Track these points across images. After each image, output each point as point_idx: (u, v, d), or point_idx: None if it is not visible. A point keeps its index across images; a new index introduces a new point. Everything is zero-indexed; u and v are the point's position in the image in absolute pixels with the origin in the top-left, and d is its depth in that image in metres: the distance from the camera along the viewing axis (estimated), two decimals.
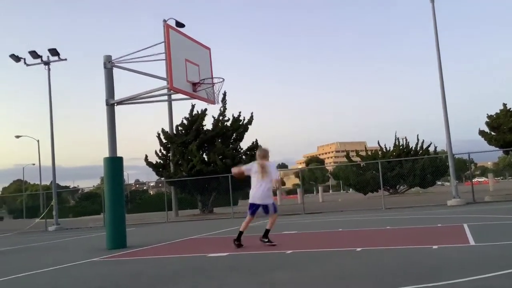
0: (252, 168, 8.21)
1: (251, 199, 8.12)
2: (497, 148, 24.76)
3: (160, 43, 10.00)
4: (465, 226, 9.00)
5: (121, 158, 10.30)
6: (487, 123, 24.73)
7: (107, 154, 10.26)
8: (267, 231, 8.24)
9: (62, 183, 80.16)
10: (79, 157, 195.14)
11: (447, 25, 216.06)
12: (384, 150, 41.26)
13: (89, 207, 51.20)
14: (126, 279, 5.78)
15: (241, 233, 8.16)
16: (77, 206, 58.25)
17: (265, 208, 8.11)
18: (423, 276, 4.60)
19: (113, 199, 9.90)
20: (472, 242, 6.79)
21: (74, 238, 14.69)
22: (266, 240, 8.15)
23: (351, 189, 52.10)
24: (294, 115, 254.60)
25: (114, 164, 10.14)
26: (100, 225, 20.62)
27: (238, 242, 8.10)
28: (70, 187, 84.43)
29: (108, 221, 9.98)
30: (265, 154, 8.31)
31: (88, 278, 6.12)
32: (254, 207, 8.11)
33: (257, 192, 8.04)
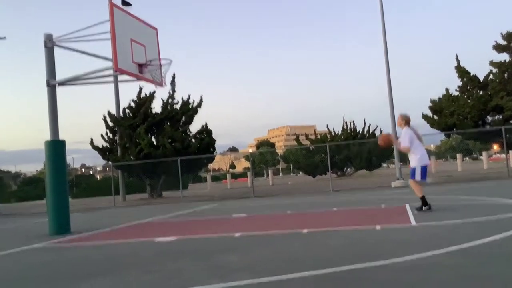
0: (412, 135, 8.32)
1: (425, 161, 8.28)
2: (439, 131, 25.75)
3: (105, 21, 9.63)
4: (407, 206, 9.32)
5: (63, 142, 9.93)
6: (430, 108, 25.58)
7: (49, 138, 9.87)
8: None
9: (3, 167, 76.96)
10: (22, 140, 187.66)
11: (394, 10, 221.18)
12: (333, 133, 42.07)
13: (32, 192, 49.35)
14: (68, 266, 5.59)
15: (423, 197, 8.22)
16: (19, 191, 56.05)
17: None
18: (366, 255, 4.71)
19: (55, 184, 9.56)
20: (413, 222, 7.03)
21: (15, 224, 14.12)
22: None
23: (300, 172, 52.93)
24: (245, 98, 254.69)
25: (56, 147, 9.77)
26: (43, 211, 19.92)
27: (427, 205, 8.18)
28: (12, 171, 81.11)
29: (50, 206, 9.63)
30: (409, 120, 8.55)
31: (28, 265, 5.89)
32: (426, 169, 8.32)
33: (425, 153, 8.36)
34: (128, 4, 15.81)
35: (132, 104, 25.64)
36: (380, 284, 3.62)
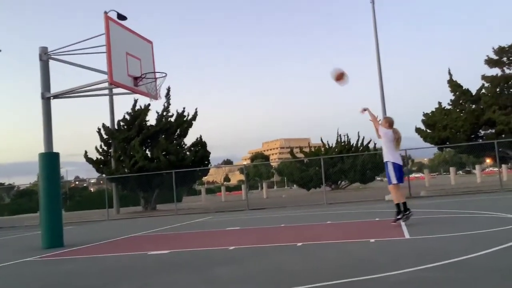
0: (388, 134, 8.49)
1: (398, 161, 8.39)
2: (432, 145, 25.88)
3: (100, 35, 9.67)
4: (401, 220, 9.33)
5: (57, 154, 9.91)
6: (423, 121, 25.73)
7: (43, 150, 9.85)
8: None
9: None
10: (16, 152, 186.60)
11: (387, 23, 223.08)
12: (327, 146, 42.18)
13: (25, 204, 48.91)
14: (60, 280, 5.56)
15: (398, 204, 8.33)
16: (13, 203, 55.56)
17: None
18: (360, 269, 4.72)
19: (48, 196, 9.52)
20: (407, 235, 7.04)
21: (8, 237, 14.01)
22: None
23: (294, 185, 52.90)
24: (239, 111, 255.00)
25: (50, 160, 9.75)
26: (37, 224, 19.79)
27: (406, 213, 8.31)
28: (5, 184, 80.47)
29: (43, 219, 9.57)
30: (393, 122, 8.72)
31: (20, 278, 5.85)
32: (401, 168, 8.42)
33: (399, 156, 8.50)
34: (124, 18, 15.87)
35: (127, 117, 25.64)
36: None
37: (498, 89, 23.87)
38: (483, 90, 24.21)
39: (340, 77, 8.91)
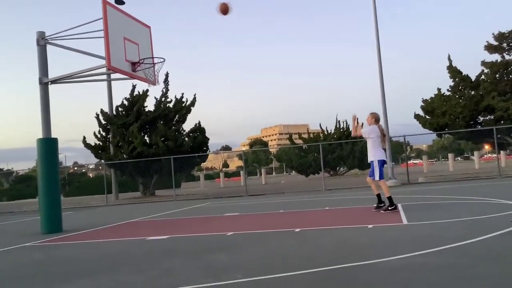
0: (374, 130, 8.68)
1: (383, 157, 8.62)
2: (431, 131, 25.89)
3: (97, 19, 9.60)
4: (399, 206, 9.35)
5: (55, 139, 9.90)
6: (422, 107, 25.71)
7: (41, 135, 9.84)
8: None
9: None
10: (14, 138, 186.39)
11: (387, 9, 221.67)
12: (326, 132, 42.14)
13: (24, 190, 49.10)
14: (59, 265, 5.58)
15: (389, 197, 8.40)
16: (12, 189, 55.70)
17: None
18: (357, 254, 4.75)
19: (47, 182, 9.53)
20: (405, 221, 7.07)
21: (7, 223, 14.06)
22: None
23: (293, 171, 53.02)
24: (238, 97, 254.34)
25: (48, 145, 9.74)
26: (36, 209, 19.83)
27: (381, 205, 8.56)
28: (4, 169, 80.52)
29: (42, 204, 9.60)
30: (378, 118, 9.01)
31: (19, 264, 5.87)
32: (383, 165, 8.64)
33: (383, 153, 8.69)
34: (122, 3, 15.76)
35: (125, 102, 25.56)
36: (370, 283, 3.65)
37: (497, 75, 23.83)
38: (483, 76, 24.17)
39: (225, 10, 9.02)
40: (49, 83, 9.99)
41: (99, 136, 25.77)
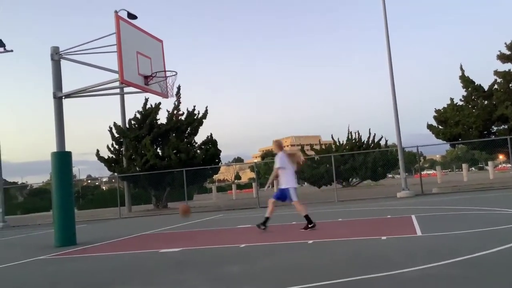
0: (282, 157, 8.85)
1: (293, 184, 8.87)
2: (444, 142, 25.66)
3: (110, 34, 9.74)
4: (413, 217, 9.29)
5: (69, 153, 10.00)
6: (435, 117, 25.52)
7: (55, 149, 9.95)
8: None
9: (10, 179, 77.14)
10: (28, 151, 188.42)
11: (398, 22, 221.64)
12: (338, 143, 42.04)
13: (38, 203, 49.44)
14: (72, 278, 5.62)
15: (307, 215, 8.80)
16: (26, 202, 56.21)
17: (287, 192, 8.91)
18: (372, 266, 4.71)
19: (61, 195, 9.61)
20: (419, 232, 7.01)
21: (21, 236, 14.18)
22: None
23: (305, 183, 52.86)
24: (250, 109, 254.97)
25: (62, 159, 9.84)
26: (50, 222, 19.99)
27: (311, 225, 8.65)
28: (19, 182, 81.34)
29: (56, 217, 9.67)
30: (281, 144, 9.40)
31: (33, 277, 5.92)
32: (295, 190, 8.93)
33: (293, 178, 8.93)
34: (134, 17, 15.97)
35: (138, 115, 25.79)
36: None
37: (510, 85, 23.60)
38: (496, 86, 23.95)
39: (185, 211, 10.66)
40: (63, 97, 10.12)
41: (112, 149, 25.99)
